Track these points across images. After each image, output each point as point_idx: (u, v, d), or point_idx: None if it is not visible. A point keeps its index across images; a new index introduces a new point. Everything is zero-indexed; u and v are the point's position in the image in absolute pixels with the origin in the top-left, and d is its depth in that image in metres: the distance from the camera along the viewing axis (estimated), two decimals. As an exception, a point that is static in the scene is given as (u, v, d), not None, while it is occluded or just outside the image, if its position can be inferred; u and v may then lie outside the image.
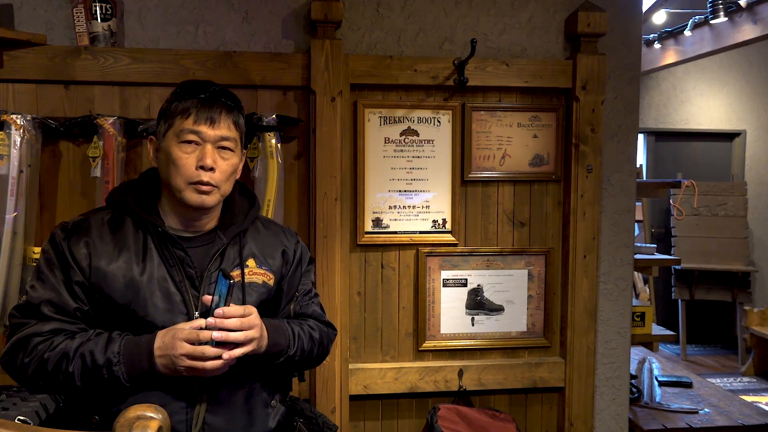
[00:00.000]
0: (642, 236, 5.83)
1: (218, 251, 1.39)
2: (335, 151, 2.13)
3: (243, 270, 1.41)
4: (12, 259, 1.94)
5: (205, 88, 1.36)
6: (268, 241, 1.49)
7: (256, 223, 1.50)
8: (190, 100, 1.34)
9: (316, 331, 1.51)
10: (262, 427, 1.43)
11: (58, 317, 1.31)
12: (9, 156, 1.91)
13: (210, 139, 1.33)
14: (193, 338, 1.24)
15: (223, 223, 1.43)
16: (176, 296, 1.34)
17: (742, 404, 2.97)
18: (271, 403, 1.47)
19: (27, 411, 1.76)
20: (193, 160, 1.32)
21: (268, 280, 1.45)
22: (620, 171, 2.39)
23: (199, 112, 1.32)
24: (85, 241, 1.34)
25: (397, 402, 2.33)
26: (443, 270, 2.31)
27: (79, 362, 1.27)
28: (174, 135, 1.33)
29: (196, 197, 1.34)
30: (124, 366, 1.26)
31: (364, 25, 2.23)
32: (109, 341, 1.28)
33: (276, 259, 1.48)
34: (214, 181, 1.34)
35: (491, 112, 2.30)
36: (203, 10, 2.15)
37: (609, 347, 2.42)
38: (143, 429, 0.95)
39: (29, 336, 1.30)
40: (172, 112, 1.34)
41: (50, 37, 2.05)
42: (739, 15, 4.45)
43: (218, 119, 1.34)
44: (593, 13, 2.23)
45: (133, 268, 1.33)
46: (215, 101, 1.35)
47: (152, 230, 1.37)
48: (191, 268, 1.36)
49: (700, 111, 6.38)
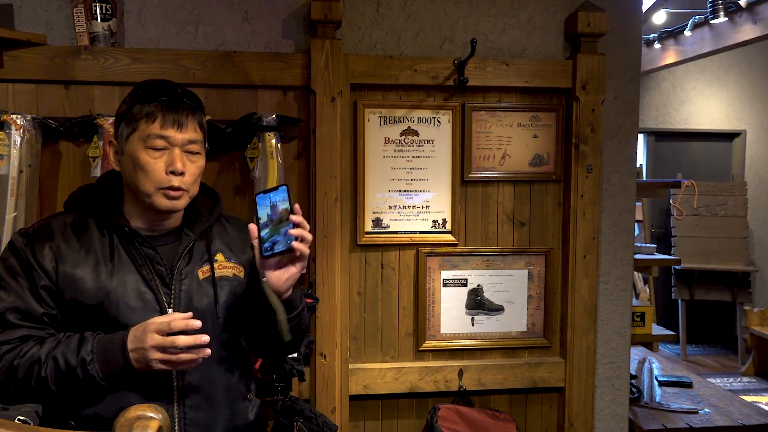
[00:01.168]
0: (642, 236, 5.83)
1: (186, 248, 1.39)
2: (335, 151, 2.13)
3: (212, 264, 1.41)
4: (12, 259, 1.93)
5: (167, 90, 1.34)
6: (234, 236, 1.50)
7: (221, 221, 1.51)
8: (153, 103, 1.31)
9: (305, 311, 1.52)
10: (242, 420, 1.44)
11: (25, 324, 1.29)
12: (9, 156, 1.91)
13: (178, 143, 1.32)
14: (164, 329, 1.23)
15: (189, 220, 1.43)
16: (148, 294, 1.33)
17: (742, 404, 2.97)
18: (248, 396, 1.48)
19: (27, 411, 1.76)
20: (162, 165, 1.31)
21: (239, 273, 1.45)
22: (620, 171, 2.39)
23: (165, 115, 1.31)
24: (50, 245, 1.32)
25: (397, 402, 2.33)
26: (443, 270, 2.31)
27: (52, 365, 1.26)
28: (140, 140, 1.31)
29: (167, 202, 1.34)
30: (98, 364, 1.25)
31: (364, 25, 2.23)
32: (81, 341, 1.27)
33: (245, 252, 1.48)
34: (184, 185, 1.34)
35: (491, 112, 2.30)
36: (203, 10, 2.15)
37: (609, 347, 2.42)
38: (143, 429, 0.95)
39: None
40: (134, 116, 1.32)
41: (50, 37, 2.05)
42: (739, 15, 4.45)
43: (185, 122, 1.32)
44: (593, 13, 2.23)
45: (102, 270, 1.32)
46: (179, 103, 1.33)
47: (118, 231, 1.36)
48: (161, 265, 1.35)
49: (700, 111, 6.38)
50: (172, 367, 1.26)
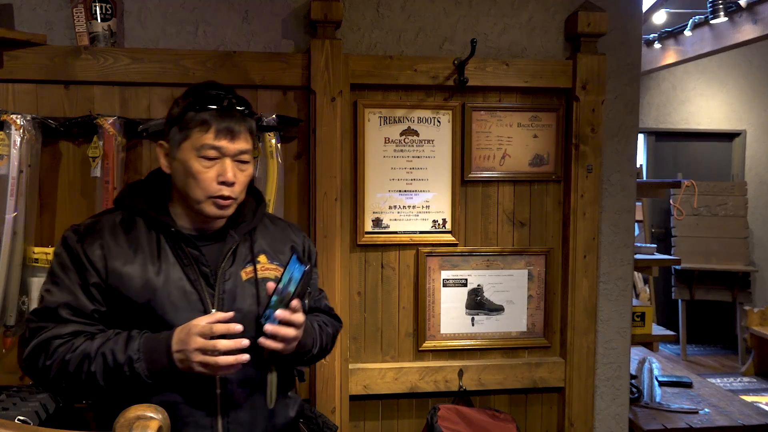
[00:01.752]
0: (642, 236, 5.83)
1: (231, 249, 1.41)
2: (335, 151, 2.13)
3: (255, 266, 1.43)
4: (12, 259, 1.93)
5: (220, 99, 1.34)
6: (276, 236, 1.51)
7: (264, 220, 1.52)
8: (207, 111, 1.32)
9: (329, 327, 1.55)
10: (283, 418, 1.46)
11: (76, 319, 1.32)
12: (9, 156, 1.91)
13: (230, 154, 1.33)
14: (206, 332, 1.25)
15: (233, 221, 1.45)
16: (193, 295, 1.35)
17: (742, 404, 2.97)
18: (289, 394, 1.50)
19: (27, 411, 1.76)
20: (213, 174, 1.33)
21: (279, 275, 1.46)
22: (620, 171, 2.38)
23: (219, 126, 1.32)
24: (100, 242, 1.34)
25: (397, 402, 2.33)
26: (443, 270, 2.31)
27: (101, 361, 1.28)
28: (193, 148, 1.33)
29: (216, 211, 1.36)
30: (144, 363, 1.27)
31: (364, 25, 2.23)
32: (129, 339, 1.30)
33: (285, 254, 1.49)
34: (234, 194, 1.35)
35: (491, 112, 2.30)
36: (203, 10, 2.15)
37: (609, 347, 2.42)
38: (143, 429, 0.95)
39: (49, 339, 1.31)
40: (187, 123, 1.33)
41: (50, 37, 2.05)
42: (739, 15, 4.45)
43: (238, 132, 1.34)
44: (593, 13, 2.23)
45: (149, 269, 1.34)
46: (233, 112, 1.34)
47: (164, 230, 1.38)
48: (205, 266, 1.37)
49: (700, 111, 6.37)
50: (211, 371, 1.27)
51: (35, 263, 1.99)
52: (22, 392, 1.88)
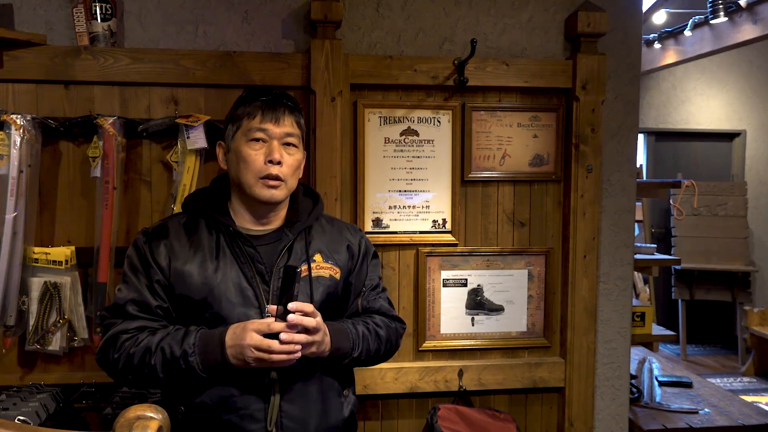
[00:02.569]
0: (642, 236, 5.83)
1: (285, 247, 1.47)
2: (335, 151, 2.13)
3: (310, 264, 1.48)
4: (12, 259, 1.94)
5: (268, 92, 1.48)
6: (333, 236, 1.57)
7: (320, 220, 1.58)
8: (254, 103, 1.45)
9: (382, 329, 1.56)
10: (336, 416, 1.49)
11: (142, 315, 1.42)
12: (9, 156, 1.91)
13: (276, 136, 1.44)
14: (263, 329, 1.30)
15: (289, 220, 1.52)
16: (248, 291, 1.42)
17: (742, 404, 2.97)
18: (344, 393, 1.53)
19: (27, 411, 1.76)
20: (262, 156, 1.43)
21: (335, 274, 1.52)
22: (620, 171, 2.39)
23: (264, 112, 1.44)
24: (165, 243, 1.45)
25: (397, 402, 2.33)
26: (443, 270, 2.31)
27: (160, 355, 1.36)
28: (242, 135, 1.44)
29: (266, 191, 1.43)
30: (198, 357, 1.34)
31: (364, 25, 2.23)
32: (185, 335, 1.37)
33: (341, 253, 1.55)
34: (281, 175, 1.44)
35: (491, 112, 2.30)
36: (203, 10, 2.15)
37: (609, 347, 2.42)
38: (143, 429, 0.95)
39: (117, 334, 1.41)
40: (239, 116, 1.46)
41: (50, 37, 2.05)
42: (739, 15, 4.45)
43: (282, 118, 1.45)
44: (593, 13, 2.23)
45: (208, 267, 1.42)
46: (278, 102, 1.46)
47: (224, 230, 1.46)
48: (261, 264, 1.44)
49: (700, 111, 6.38)
50: (266, 365, 1.33)
51: (35, 263, 2.00)
52: (22, 392, 1.89)
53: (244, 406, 1.39)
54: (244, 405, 1.39)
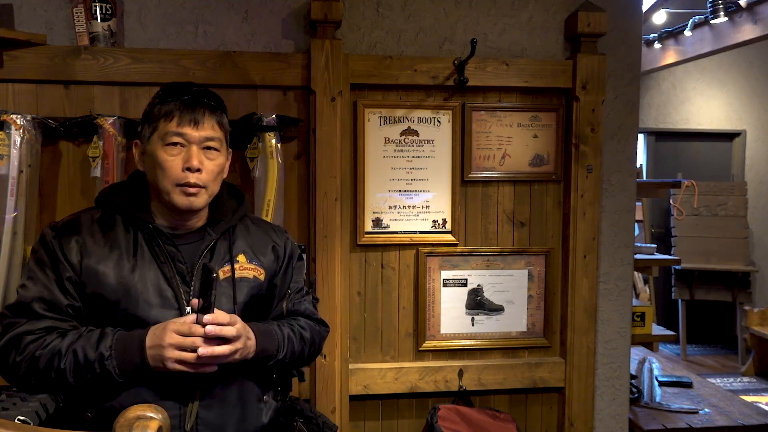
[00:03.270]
0: (642, 236, 5.83)
1: (208, 247, 1.40)
2: (335, 151, 2.13)
3: (233, 265, 1.42)
4: (12, 259, 1.93)
5: (187, 90, 1.38)
6: (257, 237, 1.51)
7: (245, 221, 1.52)
8: (172, 102, 1.35)
9: (307, 331, 1.52)
10: (254, 422, 1.43)
11: (50, 315, 1.32)
12: (9, 156, 1.91)
13: (194, 141, 1.35)
14: (185, 330, 1.24)
15: (212, 220, 1.45)
16: (168, 292, 1.35)
17: (742, 404, 2.97)
18: (264, 398, 1.47)
19: (27, 411, 1.75)
20: (179, 162, 1.34)
21: (259, 275, 1.46)
22: (620, 171, 2.38)
23: (183, 114, 1.34)
24: (76, 239, 1.35)
25: (397, 402, 2.33)
26: (443, 270, 2.31)
27: (72, 358, 1.27)
28: (159, 138, 1.35)
29: (184, 199, 1.35)
30: (115, 360, 1.26)
31: (364, 25, 2.23)
32: (101, 336, 1.29)
33: (266, 255, 1.49)
34: (201, 182, 1.35)
35: (491, 112, 2.30)
36: (203, 10, 2.15)
37: (609, 347, 2.42)
38: (143, 429, 0.95)
39: (21, 335, 1.30)
40: (155, 116, 1.36)
41: (50, 37, 2.05)
42: (739, 15, 4.45)
43: (202, 120, 1.35)
44: (593, 13, 2.23)
45: (124, 266, 1.34)
46: (197, 102, 1.36)
47: (142, 227, 1.38)
48: (182, 263, 1.37)
49: (700, 111, 6.37)
50: (187, 368, 1.27)
51: (34, 263, 1.99)
52: (22, 392, 1.88)
53: None
54: None
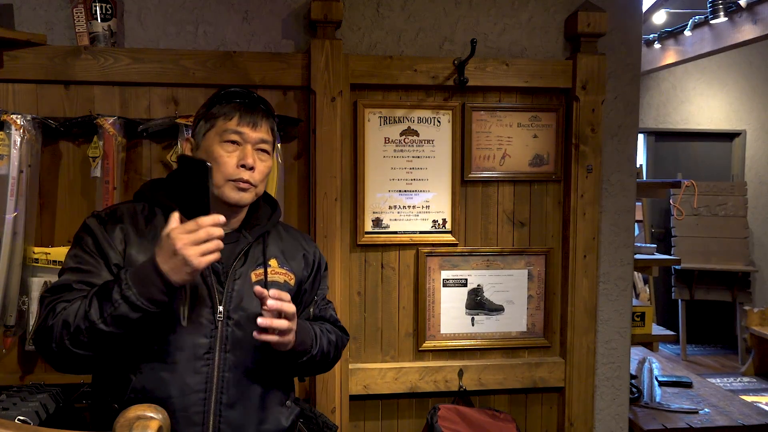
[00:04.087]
0: (642, 236, 5.83)
1: (243, 249, 1.43)
2: (335, 151, 2.13)
3: (266, 269, 1.44)
4: (12, 259, 1.94)
5: (247, 95, 1.44)
6: (289, 244, 1.54)
7: (278, 227, 1.56)
8: (232, 104, 1.41)
9: (333, 335, 1.55)
10: (275, 425, 1.44)
11: (87, 289, 1.30)
12: (9, 156, 1.91)
13: (251, 141, 1.40)
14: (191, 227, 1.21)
15: (248, 224, 1.48)
16: (203, 290, 1.36)
17: (742, 404, 2.97)
18: (287, 403, 1.49)
19: (27, 411, 1.76)
20: (235, 159, 1.38)
21: (290, 280, 1.49)
22: (620, 171, 2.39)
23: (242, 115, 1.40)
24: (120, 227, 1.37)
25: (397, 402, 2.33)
26: (443, 270, 2.31)
27: (96, 303, 1.24)
28: (216, 134, 1.39)
29: (236, 194, 1.39)
30: (134, 288, 1.22)
31: (364, 25, 2.23)
32: (116, 278, 1.28)
33: (297, 261, 1.53)
34: (253, 180, 1.40)
35: (491, 112, 2.30)
36: (203, 10, 2.15)
37: (609, 347, 2.42)
38: (143, 429, 0.95)
39: (57, 302, 1.29)
40: (214, 115, 1.41)
41: (50, 37, 2.05)
42: (739, 15, 4.45)
43: (259, 123, 1.41)
44: (593, 13, 2.23)
45: None
46: (256, 106, 1.43)
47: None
48: (218, 263, 1.37)
49: (700, 111, 6.38)
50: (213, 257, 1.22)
51: (35, 263, 2.00)
52: (22, 392, 1.88)
53: (182, 408, 1.32)
54: (182, 407, 1.32)
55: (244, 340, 1.36)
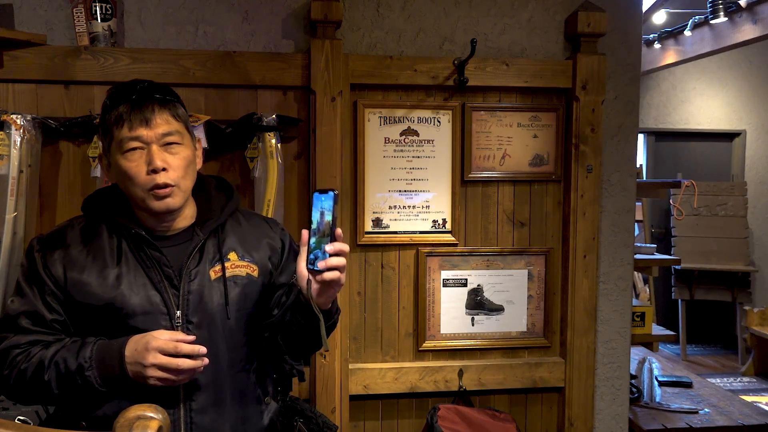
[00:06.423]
0: (642, 236, 5.83)
1: (196, 247, 1.36)
2: (335, 151, 2.13)
3: (224, 264, 1.38)
4: (12, 259, 1.93)
5: (132, 90, 1.32)
6: (250, 232, 1.46)
7: (236, 216, 1.47)
8: (120, 106, 1.29)
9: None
10: (254, 425, 1.41)
11: (35, 329, 1.31)
12: (9, 156, 1.91)
13: (152, 140, 1.29)
14: (170, 349, 1.22)
15: (200, 218, 1.41)
16: (156, 297, 1.32)
17: (742, 404, 2.97)
18: (265, 400, 1.45)
19: (27, 411, 1.76)
20: (143, 166, 1.28)
21: (252, 272, 1.42)
22: (620, 171, 2.39)
23: (132, 116, 1.28)
24: (59, 251, 1.33)
25: (397, 402, 2.33)
26: (443, 270, 2.31)
27: (54, 370, 1.26)
28: (117, 147, 1.30)
29: (159, 203, 1.31)
30: (96, 371, 1.25)
31: (364, 25, 2.23)
32: (81, 347, 1.28)
33: (261, 251, 1.44)
34: (171, 181, 1.30)
35: (491, 112, 2.30)
36: (203, 10, 2.15)
37: (609, 347, 2.42)
38: (143, 429, 0.95)
39: (8, 348, 1.31)
40: (107, 126, 1.31)
41: (50, 37, 2.05)
42: (739, 15, 4.45)
43: (152, 117, 1.29)
44: (593, 13, 2.23)
45: (109, 274, 1.31)
46: (145, 100, 1.30)
47: (126, 234, 1.34)
48: (168, 267, 1.33)
49: (700, 111, 6.38)
50: (169, 384, 1.25)
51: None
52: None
53: None
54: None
55: (210, 340, 1.30)
